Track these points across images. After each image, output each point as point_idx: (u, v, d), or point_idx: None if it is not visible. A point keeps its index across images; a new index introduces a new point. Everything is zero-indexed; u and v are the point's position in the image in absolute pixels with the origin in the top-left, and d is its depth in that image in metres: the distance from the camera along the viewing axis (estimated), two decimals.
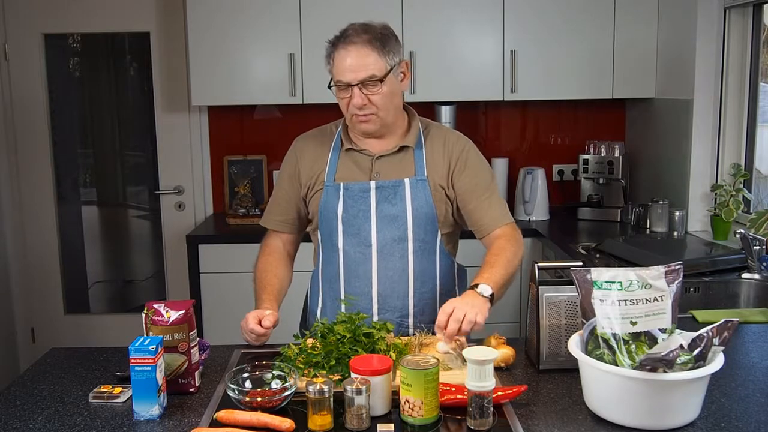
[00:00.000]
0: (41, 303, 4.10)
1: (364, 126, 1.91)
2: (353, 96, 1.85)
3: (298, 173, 2.01)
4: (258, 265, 2.04)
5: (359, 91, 1.84)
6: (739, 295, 2.57)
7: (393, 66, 1.86)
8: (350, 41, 1.84)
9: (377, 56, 1.83)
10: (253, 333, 1.80)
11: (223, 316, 3.50)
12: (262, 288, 1.97)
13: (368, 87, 1.84)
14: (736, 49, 3.20)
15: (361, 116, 1.88)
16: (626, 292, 1.43)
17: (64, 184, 4.14)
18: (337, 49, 1.85)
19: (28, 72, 3.94)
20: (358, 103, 1.85)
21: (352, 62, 1.82)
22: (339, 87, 1.86)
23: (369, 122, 1.90)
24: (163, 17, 3.91)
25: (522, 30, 3.60)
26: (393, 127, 1.97)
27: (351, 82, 1.83)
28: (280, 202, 2.06)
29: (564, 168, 4.09)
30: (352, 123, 1.93)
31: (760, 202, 3.21)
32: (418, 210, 1.92)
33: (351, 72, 1.83)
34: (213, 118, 4.04)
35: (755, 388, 1.57)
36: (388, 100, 1.87)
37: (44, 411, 1.52)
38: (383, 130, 1.94)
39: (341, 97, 1.88)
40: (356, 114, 1.88)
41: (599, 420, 1.42)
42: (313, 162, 2.00)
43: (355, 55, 1.82)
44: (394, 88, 1.89)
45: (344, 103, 1.89)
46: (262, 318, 1.81)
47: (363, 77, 1.83)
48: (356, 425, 1.40)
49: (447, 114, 3.78)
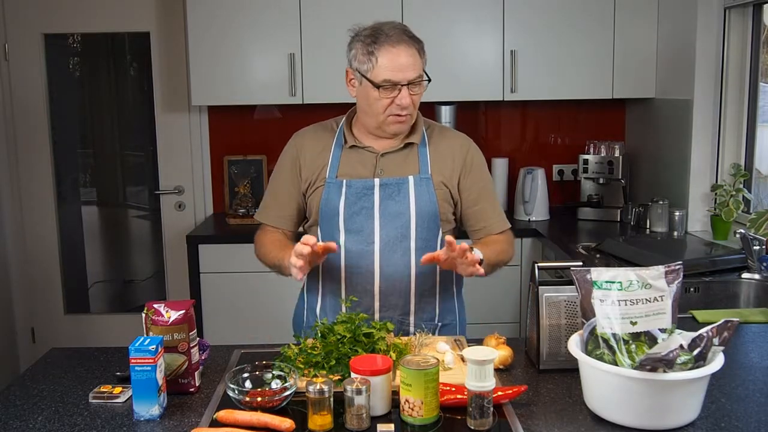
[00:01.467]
0: (41, 303, 4.10)
1: (398, 126, 1.92)
2: (402, 96, 1.86)
3: (299, 168, 2.00)
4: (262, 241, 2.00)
5: (407, 91, 1.85)
6: (739, 295, 2.57)
7: (425, 65, 1.91)
8: (400, 40, 1.85)
9: (419, 57, 1.88)
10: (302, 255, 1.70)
11: (223, 316, 3.50)
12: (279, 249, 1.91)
13: (413, 87, 1.87)
14: (736, 49, 3.20)
15: (402, 116, 1.89)
16: (626, 292, 1.43)
17: (64, 184, 4.14)
18: (384, 48, 1.84)
19: (28, 72, 3.94)
20: (406, 102, 1.86)
21: (405, 62, 1.84)
22: (385, 87, 1.86)
23: (405, 122, 1.92)
24: (163, 17, 3.91)
25: (522, 30, 3.60)
26: None
27: (401, 82, 1.84)
28: (279, 197, 2.04)
29: (564, 168, 4.09)
30: (385, 124, 1.91)
31: (760, 202, 3.21)
32: (422, 208, 1.93)
33: (403, 72, 1.84)
34: (213, 118, 4.04)
35: (755, 388, 1.57)
36: (419, 99, 1.92)
37: (44, 411, 1.52)
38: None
39: (385, 96, 1.87)
40: (398, 114, 1.88)
41: (599, 420, 1.42)
42: (314, 157, 1.99)
43: (406, 54, 1.84)
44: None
45: (385, 104, 1.88)
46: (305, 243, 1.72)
47: (413, 77, 1.85)
48: (356, 425, 1.40)
49: (447, 114, 3.78)
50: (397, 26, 1.88)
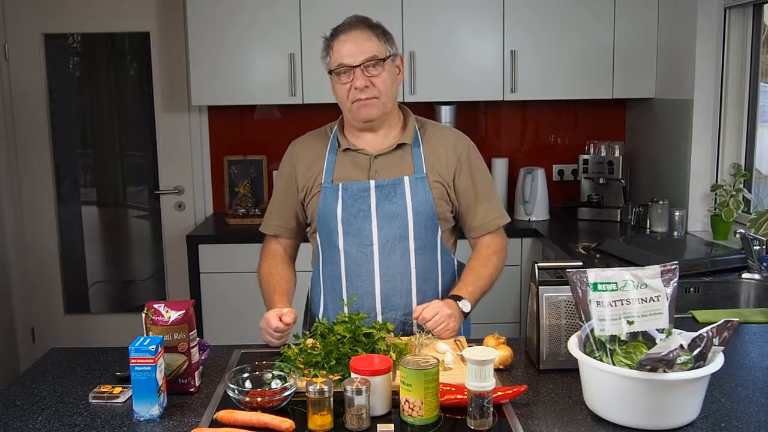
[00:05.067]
0: (41, 303, 4.10)
1: (365, 111, 1.90)
2: (356, 78, 1.86)
3: (295, 178, 2.02)
4: (261, 270, 2.05)
5: (361, 72, 1.86)
6: (739, 295, 2.57)
7: (391, 54, 1.91)
8: (350, 27, 1.89)
9: (377, 40, 1.89)
10: (277, 331, 1.79)
11: (223, 316, 3.50)
12: (272, 290, 1.98)
13: (369, 69, 1.87)
14: (736, 49, 3.20)
15: (363, 99, 1.88)
16: (621, 292, 1.43)
17: (64, 184, 4.14)
18: (337, 38, 1.89)
19: (28, 72, 3.94)
20: (361, 84, 1.86)
21: (353, 46, 1.86)
22: (339, 72, 1.87)
23: (371, 106, 1.90)
24: (163, 17, 3.91)
25: (522, 30, 3.60)
26: (389, 123, 1.98)
27: (352, 64, 1.86)
28: (278, 208, 2.08)
29: (564, 168, 4.09)
30: (352, 111, 1.92)
31: (760, 202, 3.21)
32: (418, 208, 1.93)
33: (352, 55, 1.86)
34: (213, 118, 4.04)
35: (755, 388, 1.57)
36: (389, 85, 1.91)
37: (44, 411, 1.52)
38: (382, 120, 1.95)
39: (342, 82, 1.89)
40: (359, 99, 1.88)
41: (599, 420, 1.42)
42: (309, 166, 2.00)
43: (356, 38, 1.87)
44: (394, 77, 1.93)
45: (345, 90, 1.89)
46: (281, 315, 1.80)
47: (364, 59, 1.86)
48: (356, 425, 1.40)
49: (447, 114, 3.78)
50: (354, 16, 1.93)
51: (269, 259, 2.07)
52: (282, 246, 2.09)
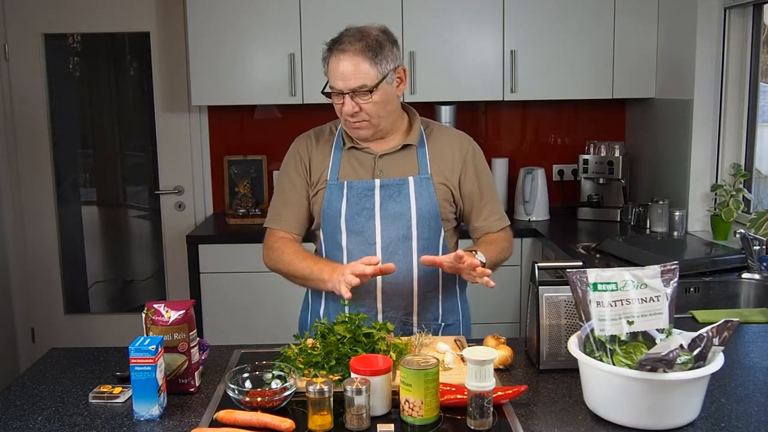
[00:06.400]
0: (41, 303, 4.10)
1: (356, 132, 1.93)
2: (345, 104, 1.87)
3: (306, 170, 2.00)
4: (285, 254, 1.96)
5: (350, 99, 1.85)
6: (739, 295, 2.57)
7: (386, 74, 1.86)
8: (343, 49, 1.84)
9: (369, 66, 1.84)
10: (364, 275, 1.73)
11: (223, 316, 3.50)
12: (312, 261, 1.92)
13: (359, 96, 1.85)
14: (736, 49, 3.20)
15: (353, 123, 1.90)
16: (621, 292, 1.43)
17: (64, 184, 4.14)
18: (333, 55, 1.87)
19: (28, 72, 3.94)
20: (349, 110, 1.87)
21: (344, 71, 1.84)
22: (333, 93, 1.88)
23: (361, 129, 1.92)
24: (163, 17, 3.91)
25: (522, 30, 3.60)
26: (392, 129, 1.98)
27: (342, 90, 1.85)
28: (290, 202, 2.01)
29: (564, 168, 4.09)
30: (346, 127, 1.95)
31: (760, 202, 3.21)
32: (422, 208, 1.93)
33: (342, 80, 1.84)
34: (213, 118, 4.04)
35: (755, 388, 1.57)
36: (380, 107, 1.88)
37: (44, 411, 1.52)
38: (379, 134, 1.96)
39: (335, 102, 1.91)
40: (348, 120, 1.90)
41: (599, 420, 1.42)
42: (317, 161, 2.00)
43: (347, 63, 1.83)
44: (388, 96, 1.89)
45: (338, 108, 1.91)
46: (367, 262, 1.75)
47: (354, 86, 1.84)
48: (356, 425, 1.40)
49: (447, 114, 3.78)
50: (353, 32, 1.87)
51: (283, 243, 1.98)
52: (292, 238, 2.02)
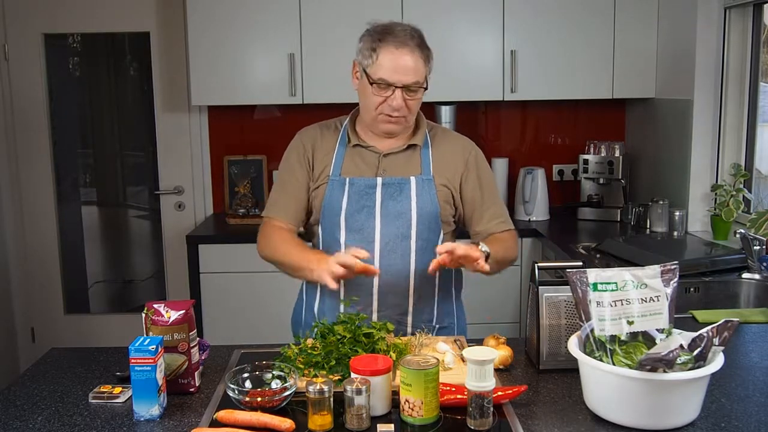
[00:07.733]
0: (41, 303, 4.10)
1: (388, 126, 1.91)
2: (394, 98, 1.84)
3: (309, 162, 1.98)
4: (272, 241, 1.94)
5: (401, 93, 1.84)
6: (739, 295, 2.57)
7: (428, 74, 1.89)
8: (404, 42, 1.83)
9: (423, 63, 1.86)
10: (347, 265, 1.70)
11: (223, 316, 3.50)
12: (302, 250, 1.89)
13: (409, 92, 1.85)
14: (736, 49, 3.20)
15: (393, 118, 1.88)
16: (621, 292, 1.43)
17: (64, 184, 4.14)
18: (387, 46, 1.83)
19: (28, 72, 3.93)
20: (398, 105, 1.85)
21: (405, 65, 1.82)
22: (379, 85, 1.85)
23: (396, 123, 1.91)
24: (163, 17, 3.91)
25: (522, 30, 3.60)
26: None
27: (396, 84, 1.83)
28: (289, 192, 2.00)
29: (564, 168, 4.09)
30: (377, 121, 1.91)
31: (760, 202, 3.21)
32: (423, 208, 1.93)
33: (399, 74, 1.82)
34: (213, 118, 4.04)
35: (755, 388, 1.57)
36: (418, 105, 1.91)
37: (44, 411, 1.52)
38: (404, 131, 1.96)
39: (378, 94, 1.86)
40: (388, 115, 1.88)
41: (599, 420, 1.43)
42: (320, 155, 1.99)
43: (408, 58, 1.83)
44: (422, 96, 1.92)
45: (377, 101, 1.87)
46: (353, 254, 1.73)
47: (409, 82, 1.84)
48: (356, 425, 1.40)
49: (447, 114, 3.78)
50: (408, 30, 1.87)
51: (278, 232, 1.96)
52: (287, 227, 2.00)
